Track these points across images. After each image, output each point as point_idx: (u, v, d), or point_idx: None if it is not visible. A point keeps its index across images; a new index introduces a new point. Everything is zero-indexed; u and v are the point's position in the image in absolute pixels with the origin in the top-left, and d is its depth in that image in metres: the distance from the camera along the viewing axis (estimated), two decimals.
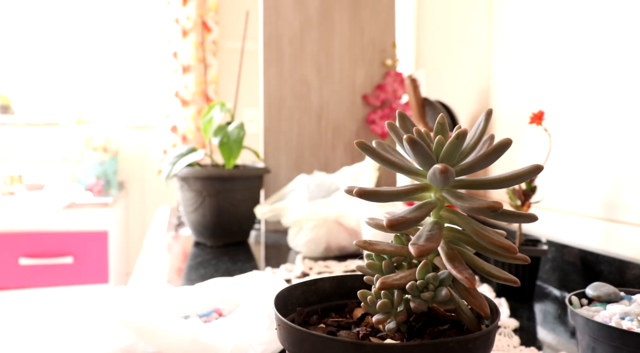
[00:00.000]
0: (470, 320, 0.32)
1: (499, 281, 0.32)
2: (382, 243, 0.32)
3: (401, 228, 0.30)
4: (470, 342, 0.28)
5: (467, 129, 0.31)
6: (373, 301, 0.31)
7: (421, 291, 0.29)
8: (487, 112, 0.33)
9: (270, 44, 1.25)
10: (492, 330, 0.29)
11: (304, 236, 0.95)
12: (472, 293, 0.31)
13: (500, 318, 0.31)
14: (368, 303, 0.31)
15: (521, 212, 0.34)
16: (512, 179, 0.32)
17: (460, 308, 0.31)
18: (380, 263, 0.32)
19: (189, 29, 2.75)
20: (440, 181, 0.30)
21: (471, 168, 0.32)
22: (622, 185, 0.68)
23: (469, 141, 0.33)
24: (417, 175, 0.33)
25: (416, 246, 0.28)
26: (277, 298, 0.35)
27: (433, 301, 0.30)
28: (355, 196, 0.31)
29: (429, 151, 0.31)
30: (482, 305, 0.30)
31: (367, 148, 0.32)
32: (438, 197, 0.32)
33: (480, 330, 0.31)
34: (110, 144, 2.68)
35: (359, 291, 0.32)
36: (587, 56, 0.75)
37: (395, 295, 0.30)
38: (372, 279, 0.32)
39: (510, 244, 0.30)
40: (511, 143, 0.32)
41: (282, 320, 0.31)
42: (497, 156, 0.32)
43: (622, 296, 0.47)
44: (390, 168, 0.33)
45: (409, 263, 0.32)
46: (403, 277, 0.30)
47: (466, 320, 0.32)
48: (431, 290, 0.30)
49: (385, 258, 0.32)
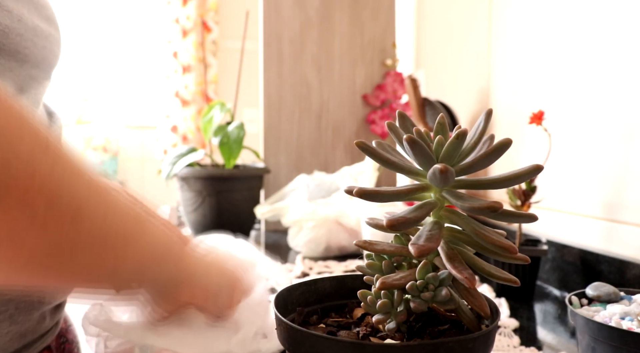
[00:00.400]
0: (470, 320, 0.32)
1: (499, 281, 0.31)
2: (382, 243, 0.32)
3: (401, 228, 0.30)
4: (470, 341, 0.28)
5: (467, 129, 0.32)
6: (373, 301, 0.31)
7: (421, 292, 0.30)
8: (487, 112, 0.33)
9: (270, 44, 1.25)
10: (492, 330, 0.30)
11: (304, 236, 0.95)
12: (472, 293, 0.31)
13: (500, 318, 0.32)
14: (368, 303, 0.31)
15: (521, 212, 0.34)
16: (512, 179, 0.33)
17: (460, 308, 0.31)
18: (380, 263, 0.32)
19: (189, 29, 2.75)
20: (440, 181, 0.30)
21: (471, 167, 0.32)
22: (622, 185, 0.68)
23: (468, 141, 0.33)
24: (416, 175, 0.33)
25: (416, 246, 0.28)
26: (277, 298, 0.35)
27: (433, 301, 0.30)
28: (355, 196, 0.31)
29: (429, 151, 0.31)
30: (482, 305, 0.30)
31: (367, 147, 0.33)
32: (438, 197, 0.32)
33: (481, 330, 0.31)
34: (110, 144, 2.68)
35: (359, 291, 0.32)
36: (587, 55, 0.75)
37: (395, 295, 0.30)
38: (372, 279, 0.32)
39: (510, 244, 0.30)
40: (511, 143, 0.32)
41: (282, 320, 0.31)
42: (497, 156, 0.32)
43: (622, 296, 0.47)
44: (389, 168, 0.33)
45: (409, 263, 0.33)
46: (403, 277, 0.30)
47: (466, 320, 0.32)
48: (431, 290, 0.30)
49: (385, 258, 0.32)
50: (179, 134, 2.76)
